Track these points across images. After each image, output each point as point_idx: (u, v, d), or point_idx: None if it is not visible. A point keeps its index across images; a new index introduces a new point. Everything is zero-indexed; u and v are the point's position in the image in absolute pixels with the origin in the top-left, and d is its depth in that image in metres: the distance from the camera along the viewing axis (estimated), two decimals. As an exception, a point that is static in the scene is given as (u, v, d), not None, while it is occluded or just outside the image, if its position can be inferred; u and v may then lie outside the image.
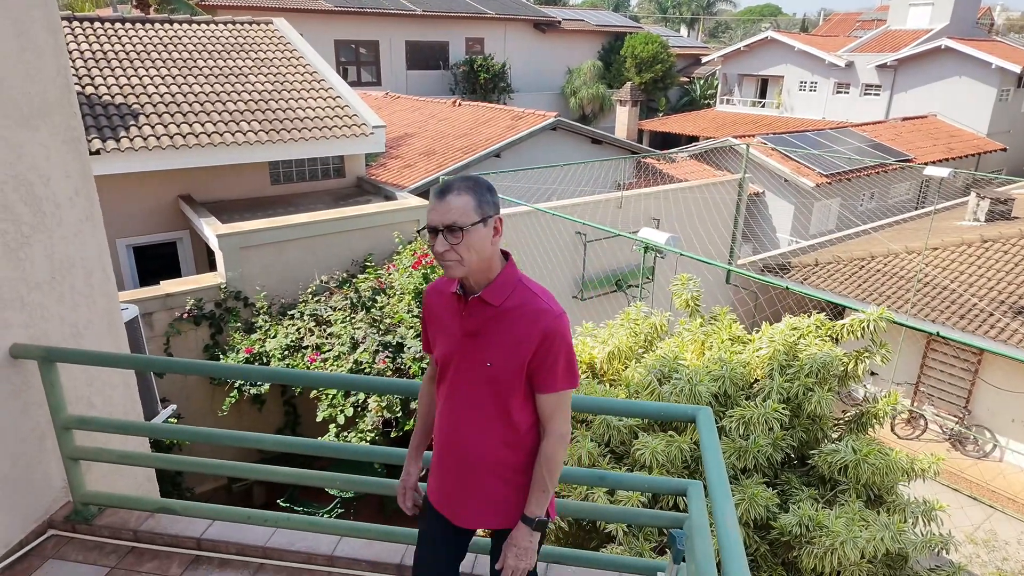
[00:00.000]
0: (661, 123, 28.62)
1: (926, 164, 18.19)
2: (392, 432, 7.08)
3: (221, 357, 7.85)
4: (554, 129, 13.54)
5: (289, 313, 8.11)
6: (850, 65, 26.86)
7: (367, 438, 6.89)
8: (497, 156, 12.58)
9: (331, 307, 8.00)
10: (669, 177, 14.78)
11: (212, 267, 8.96)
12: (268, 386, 7.75)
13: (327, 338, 7.65)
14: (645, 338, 5.87)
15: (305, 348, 7.65)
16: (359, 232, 8.94)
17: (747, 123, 26.68)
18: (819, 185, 16.89)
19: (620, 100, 21.45)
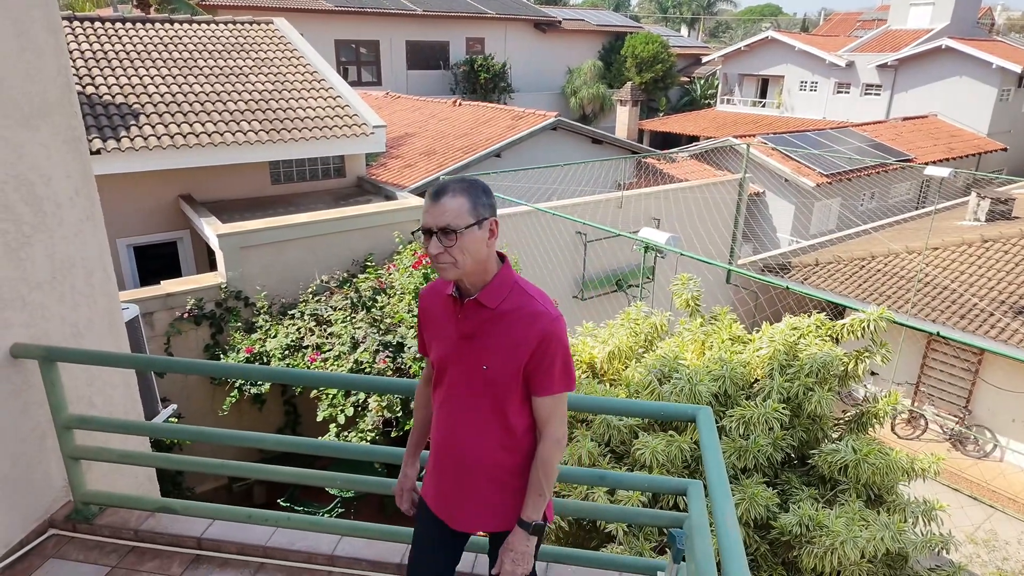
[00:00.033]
0: (661, 123, 28.61)
1: (926, 164, 18.18)
2: (392, 432, 7.08)
3: (221, 357, 7.85)
4: (554, 129, 13.54)
5: (289, 313, 8.12)
6: (850, 65, 26.85)
7: (367, 438, 6.89)
8: (497, 156, 12.58)
9: (331, 307, 8.01)
10: (669, 177, 14.77)
11: (212, 267, 8.97)
12: (268, 386, 7.75)
13: (327, 338, 7.65)
14: (645, 338, 5.87)
15: (305, 348, 7.65)
16: (359, 232, 8.93)
17: (747, 123, 26.67)
18: (819, 185, 16.88)
19: (620, 100, 21.47)
